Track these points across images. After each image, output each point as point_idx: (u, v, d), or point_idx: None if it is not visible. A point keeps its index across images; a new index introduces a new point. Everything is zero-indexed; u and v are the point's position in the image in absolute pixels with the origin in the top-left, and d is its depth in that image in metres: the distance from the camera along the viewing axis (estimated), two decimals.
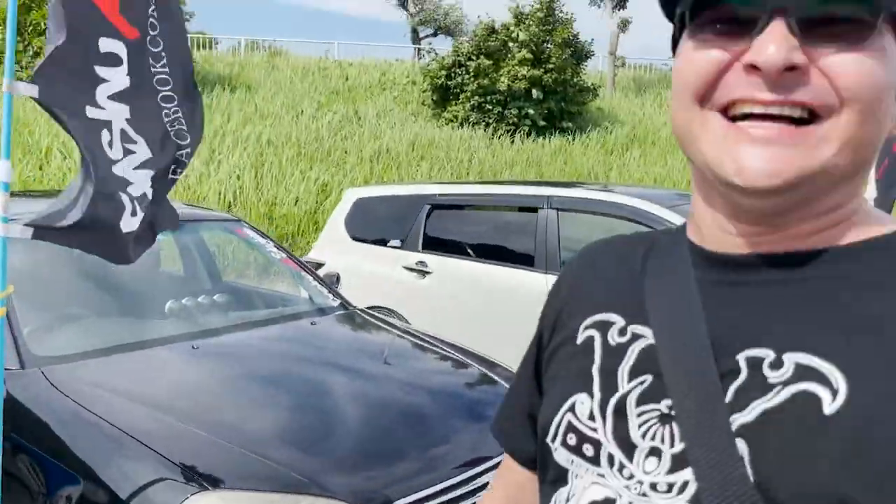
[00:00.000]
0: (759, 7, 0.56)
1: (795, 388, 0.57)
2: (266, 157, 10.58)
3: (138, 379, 2.50)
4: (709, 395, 0.60)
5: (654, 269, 0.71)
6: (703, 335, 0.63)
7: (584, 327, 0.74)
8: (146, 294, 3.30)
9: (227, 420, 2.27)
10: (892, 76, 0.58)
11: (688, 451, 0.60)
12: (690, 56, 0.61)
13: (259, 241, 3.86)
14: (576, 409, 0.69)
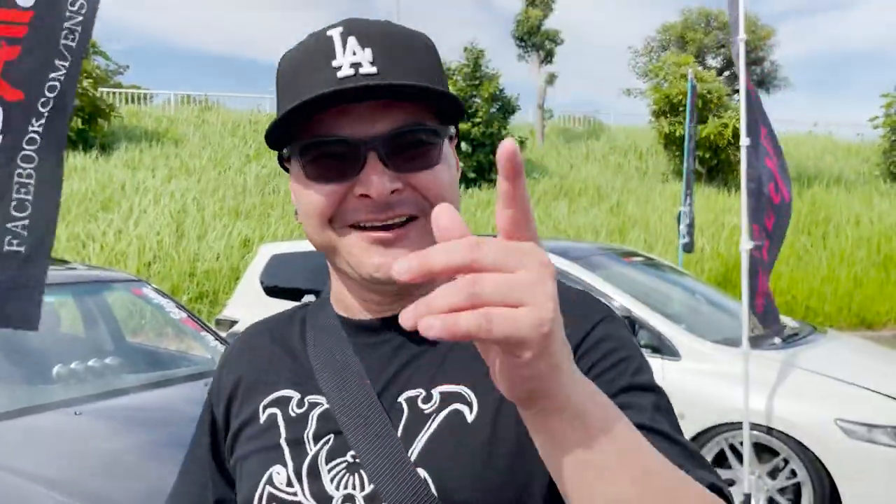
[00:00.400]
0: (357, 152, 0.72)
1: (445, 411, 0.75)
2: (189, 213, 10.48)
3: (11, 447, 2.44)
4: (384, 439, 0.74)
5: (315, 343, 0.84)
6: (370, 390, 0.77)
7: (263, 407, 0.83)
8: (35, 359, 3.24)
9: (109, 490, 2.23)
10: (454, 175, 0.80)
11: (378, 489, 0.73)
12: (310, 191, 0.76)
13: (159, 301, 3.85)
14: (273, 480, 0.78)
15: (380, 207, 0.73)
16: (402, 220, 0.74)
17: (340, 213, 0.75)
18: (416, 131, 0.73)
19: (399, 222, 0.74)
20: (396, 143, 0.73)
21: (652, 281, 4.91)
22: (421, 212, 0.74)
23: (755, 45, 22.46)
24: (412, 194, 0.74)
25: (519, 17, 20.10)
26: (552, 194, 14.38)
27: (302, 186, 0.77)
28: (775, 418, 3.53)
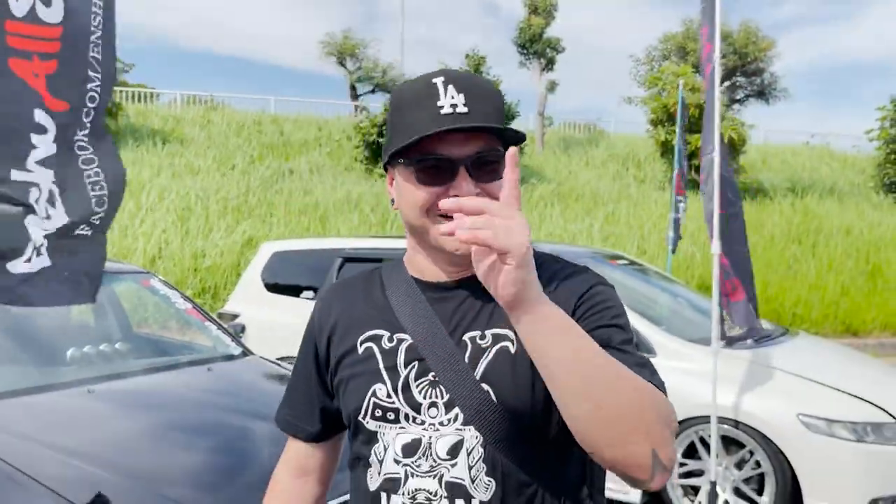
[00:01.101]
0: (453, 166, 1.06)
1: (497, 346, 1.09)
2: (193, 211, 10.73)
3: (34, 420, 2.62)
4: (456, 363, 1.08)
5: (395, 295, 1.18)
6: (442, 330, 1.11)
7: (360, 342, 1.16)
8: (50, 342, 3.47)
9: (118, 458, 2.39)
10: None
11: (453, 397, 1.07)
12: (418, 190, 1.09)
13: (165, 292, 4.08)
14: (377, 394, 1.11)
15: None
16: None
17: (436, 207, 1.07)
18: (489, 153, 1.06)
19: None
20: (478, 161, 1.06)
21: (635, 283, 5.13)
22: None
23: (755, 57, 22.68)
24: (484, 196, 1.05)
25: (521, 25, 20.35)
26: (548, 200, 14.60)
27: (412, 186, 1.09)
28: (742, 413, 3.75)
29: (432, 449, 1.07)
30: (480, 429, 1.05)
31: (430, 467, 1.07)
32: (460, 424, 1.06)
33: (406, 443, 1.09)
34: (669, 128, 15.60)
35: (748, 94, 24.66)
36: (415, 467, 1.08)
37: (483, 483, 1.05)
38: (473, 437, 1.06)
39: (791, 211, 14.36)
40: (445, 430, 1.07)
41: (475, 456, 1.06)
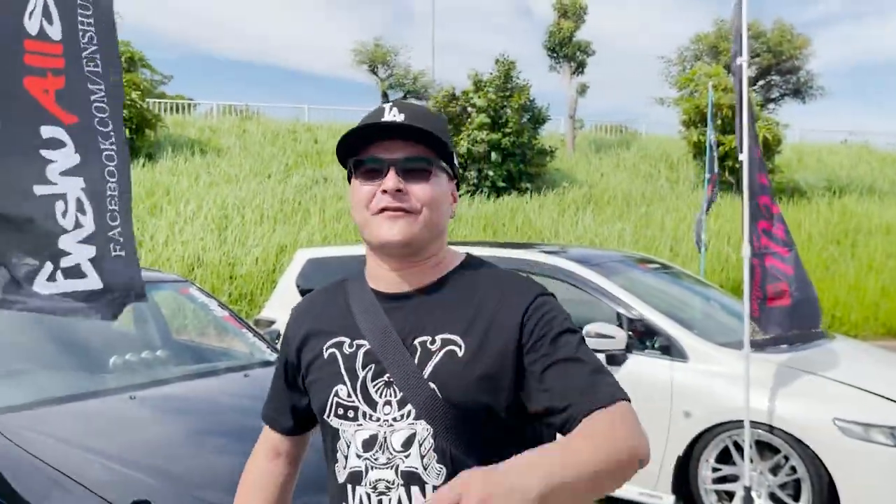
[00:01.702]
0: (383, 165, 1.23)
1: (444, 349, 1.21)
2: (230, 220, 10.92)
3: (79, 426, 2.70)
4: (407, 365, 1.22)
5: (356, 305, 1.32)
6: (395, 336, 1.24)
7: (325, 348, 1.31)
8: (94, 351, 3.58)
9: (159, 463, 2.46)
10: (442, 192, 1.27)
11: (406, 395, 1.21)
12: (360, 188, 1.26)
13: (203, 300, 4.18)
14: (339, 394, 1.26)
15: (393, 199, 1.21)
16: (403, 211, 1.22)
17: (373, 203, 1.23)
18: (416, 159, 1.23)
19: (401, 210, 1.22)
20: (405, 163, 1.22)
21: (666, 286, 5.11)
22: (414, 209, 1.23)
23: (790, 55, 22.33)
24: (410, 197, 1.22)
25: (551, 29, 20.31)
26: (580, 203, 14.55)
27: (357, 184, 1.26)
28: (776, 417, 3.72)
29: (388, 442, 1.21)
30: (430, 422, 1.18)
31: (388, 459, 1.21)
32: (412, 419, 1.20)
33: (365, 438, 1.22)
34: (702, 129, 15.42)
35: (783, 93, 24.27)
36: (373, 460, 1.21)
37: (435, 469, 1.19)
38: (424, 430, 1.19)
39: (829, 211, 14.10)
40: (399, 426, 1.20)
41: (426, 446, 1.19)
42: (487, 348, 1.20)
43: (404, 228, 1.21)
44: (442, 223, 1.28)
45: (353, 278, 1.37)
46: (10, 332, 3.33)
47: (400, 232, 1.21)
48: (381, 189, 1.21)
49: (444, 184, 1.27)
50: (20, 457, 2.45)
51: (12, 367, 3.19)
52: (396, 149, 1.23)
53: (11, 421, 2.65)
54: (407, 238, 1.21)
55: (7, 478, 2.42)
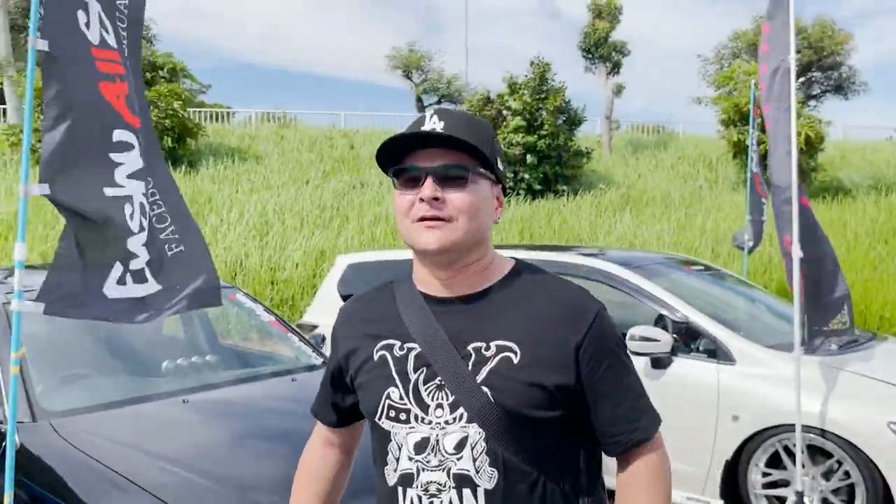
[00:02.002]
0: (421, 173, 1.24)
1: (500, 356, 1.23)
2: (271, 226, 11.08)
3: (134, 429, 2.76)
4: (459, 369, 1.24)
5: (405, 309, 1.33)
6: (446, 340, 1.26)
7: (376, 350, 1.33)
8: (146, 356, 3.67)
9: (214, 466, 2.51)
10: (481, 200, 1.27)
11: (458, 399, 1.23)
12: (400, 197, 1.28)
13: (250, 305, 4.25)
14: (391, 396, 1.28)
15: (431, 207, 1.23)
16: (441, 219, 1.24)
17: (413, 212, 1.25)
18: (453, 167, 1.24)
19: (438, 218, 1.24)
20: (442, 171, 1.24)
21: (711, 288, 5.05)
22: (452, 217, 1.24)
23: (831, 51, 21.87)
24: (448, 205, 1.24)
25: (586, 30, 20.21)
26: (618, 205, 14.43)
27: (398, 193, 1.29)
28: (829, 421, 3.65)
29: (440, 445, 1.23)
30: (482, 426, 1.21)
31: (439, 462, 1.22)
32: (464, 423, 1.22)
33: (417, 441, 1.24)
34: (741, 128, 15.20)
35: (825, 90, 23.79)
36: (425, 463, 1.23)
37: (487, 473, 1.21)
38: (476, 433, 1.21)
39: (875, 210, 13.75)
40: (451, 428, 1.22)
41: (478, 450, 1.21)
42: (544, 359, 1.22)
43: (442, 237, 1.22)
44: (482, 230, 1.28)
45: (400, 281, 1.39)
46: (68, 338, 3.42)
47: (437, 241, 1.22)
48: (419, 198, 1.23)
49: (484, 190, 1.27)
50: (79, 459, 2.51)
51: (70, 372, 3.28)
52: (435, 157, 1.24)
53: (71, 424, 2.72)
54: (444, 246, 1.22)
55: (66, 479, 2.49)
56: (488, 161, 1.26)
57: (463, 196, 1.23)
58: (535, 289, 1.30)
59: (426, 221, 1.23)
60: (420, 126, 1.25)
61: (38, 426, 2.70)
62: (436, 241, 1.22)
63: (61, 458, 2.56)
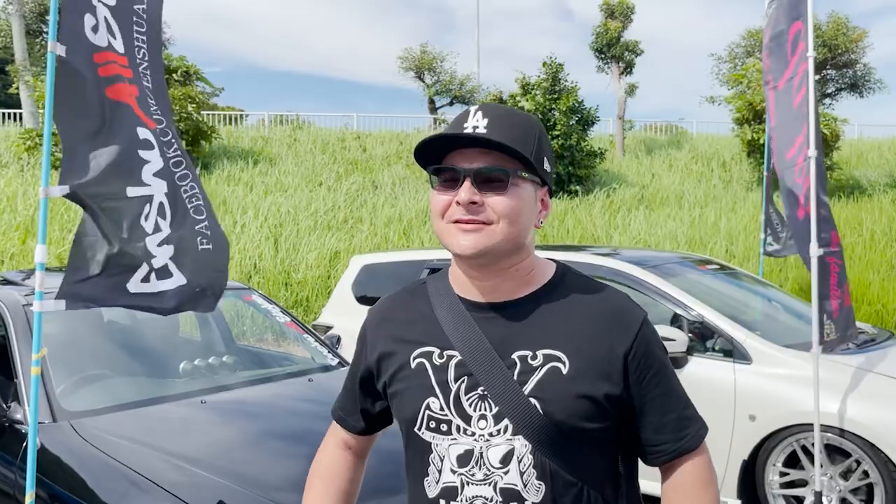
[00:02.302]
0: (459, 174, 1.18)
1: (548, 366, 1.18)
2: (285, 227, 11.13)
3: (153, 429, 2.78)
4: (505, 379, 1.18)
5: (443, 313, 1.27)
6: (490, 348, 1.20)
7: (413, 357, 1.27)
8: (164, 357, 3.70)
9: (232, 465, 2.52)
10: (522, 204, 1.20)
11: (503, 410, 1.17)
12: (437, 197, 1.22)
13: (266, 307, 4.27)
14: (431, 407, 1.23)
15: (467, 211, 1.17)
16: (478, 223, 1.18)
17: (449, 213, 1.19)
18: (493, 169, 1.18)
19: (476, 222, 1.18)
20: (480, 173, 1.17)
21: (726, 288, 5.02)
22: (490, 221, 1.18)
23: (846, 48, 21.69)
24: (487, 209, 1.18)
25: (598, 30, 20.15)
26: (632, 204, 14.37)
27: (435, 193, 1.22)
28: (847, 420, 3.63)
29: (485, 458, 1.18)
30: (529, 438, 1.16)
31: (485, 475, 1.18)
32: (510, 435, 1.17)
33: (460, 454, 1.20)
34: (756, 126, 15.10)
35: (840, 88, 23.60)
36: (470, 476, 1.19)
37: (534, 486, 1.17)
38: (523, 446, 1.17)
39: (892, 208, 13.62)
40: (496, 441, 1.18)
41: (526, 463, 1.17)
42: (592, 369, 1.18)
43: (478, 241, 1.16)
44: (522, 234, 1.22)
45: (435, 281, 1.34)
46: (85, 339, 3.46)
47: (473, 245, 1.16)
48: (456, 200, 1.18)
49: (526, 194, 1.21)
50: (99, 459, 2.54)
51: (90, 373, 3.31)
52: (475, 158, 1.18)
53: (90, 424, 2.75)
54: (480, 250, 1.17)
55: (86, 479, 2.51)
56: (532, 163, 1.20)
57: (502, 200, 1.17)
58: (580, 295, 1.25)
59: (462, 224, 1.17)
60: (462, 123, 1.19)
61: (58, 426, 2.73)
62: (471, 245, 1.16)
63: (81, 459, 2.58)
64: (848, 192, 15.11)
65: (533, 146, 1.20)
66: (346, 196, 13.65)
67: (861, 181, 16.03)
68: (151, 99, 2.65)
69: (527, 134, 1.21)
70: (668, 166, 18.22)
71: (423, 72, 26.69)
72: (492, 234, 1.17)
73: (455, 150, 1.20)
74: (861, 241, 11.46)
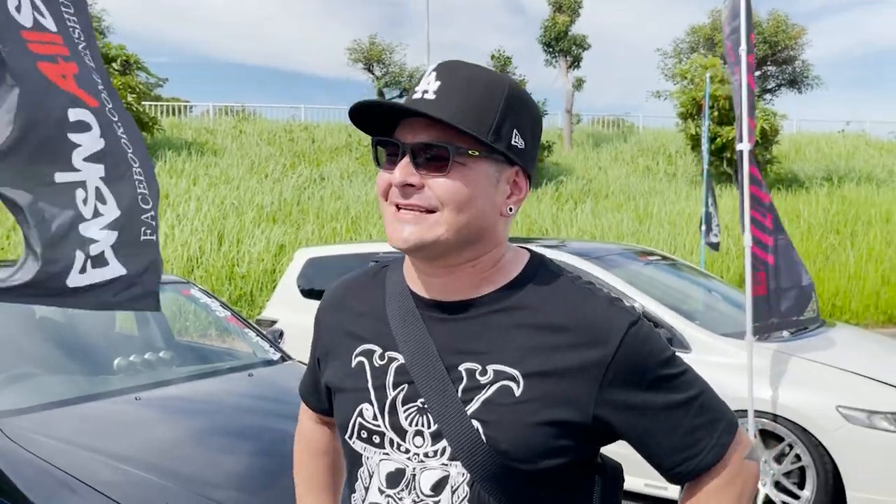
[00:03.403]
0: (398, 150, 0.99)
1: (498, 384, 0.99)
2: (228, 220, 10.93)
3: (84, 428, 2.70)
4: (447, 394, 1.00)
5: (392, 309, 1.10)
6: (436, 355, 1.03)
7: (354, 355, 1.12)
8: (98, 353, 3.59)
9: (167, 463, 2.47)
10: (474, 188, 0.98)
11: (441, 429, 1.00)
12: (380, 175, 1.03)
13: (205, 301, 4.18)
14: (363, 414, 1.07)
15: (404, 194, 0.99)
16: (419, 209, 0.98)
17: (390, 195, 1.01)
18: (433, 145, 0.97)
19: (415, 208, 0.98)
20: (421, 150, 0.97)
21: (667, 278, 5.12)
22: (435, 209, 0.98)
23: (785, 45, 22.33)
24: (428, 193, 0.98)
25: (546, 24, 20.30)
26: (577, 197, 14.56)
27: (380, 171, 1.04)
28: (780, 406, 3.74)
29: (416, 482, 1.02)
30: (468, 466, 0.98)
31: (413, 501, 1.02)
32: (447, 459, 1.00)
33: (390, 472, 1.04)
34: (699, 121, 15.45)
35: (779, 84, 24.28)
36: (397, 499, 1.03)
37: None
38: (459, 475, 0.99)
39: (827, 200, 14.12)
40: (431, 464, 1.01)
41: (460, 495, 0.99)
42: (553, 392, 0.97)
43: (415, 231, 0.97)
44: (476, 225, 1.00)
45: (394, 268, 1.16)
46: (15, 336, 3.34)
47: (407, 237, 0.98)
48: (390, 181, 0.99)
49: (479, 176, 0.99)
50: (26, 459, 2.45)
51: (17, 371, 3.19)
52: (419, 130, 0.98)
53: (17, 424, 2.65)
54: (415, 244, 0.98)
55: (14, 480, 2.42)
56: (485, 140, 0.97)
57: (444, 183, 0.96)
58: (548, 298, 1.03)
59: (399, 211, 0.99)
60: (415, 87, 1.00)
61: None
62: (404, 237, 0.98)
63: (9, 460, 2.48)
64: (786, 185, 15.58)
65: (493, 118, 0.98)
66: (294, 188, 13.49)
67: (799, 175, 16.56)
68: (97, 76, 2.54)
69: (488, 102, 0.98)
70: (614, 159, 18.51)
71: (373, 63, 26.49)
72: (433, 225, 0.97)
73: (405, 118, 1.00)
74: (798, 233, 11.84)
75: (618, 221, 12.60)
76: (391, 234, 1.00)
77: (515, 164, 1.03)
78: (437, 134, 0.97)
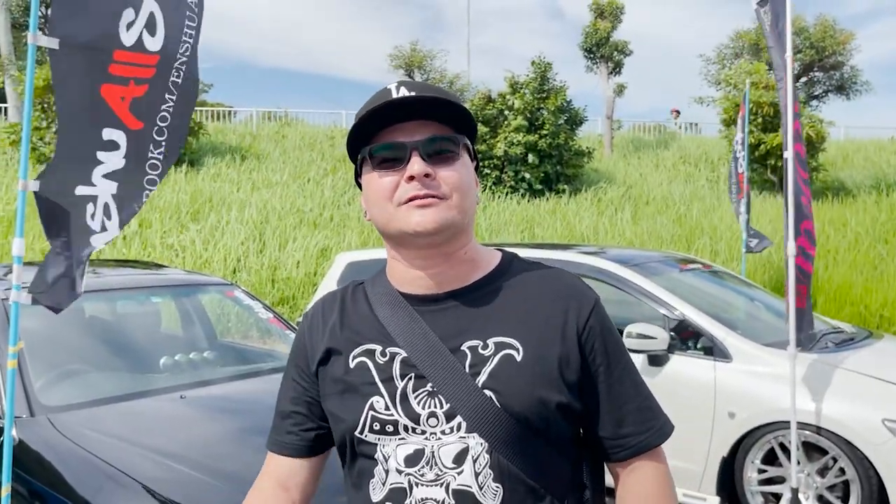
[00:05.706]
0: (405, 151, 1.09)
1: (500, 354, 1.09)
2: (270, 224, 11.10)
3: (132, 424, 2.78)
4: (455, 372, 1.08)
5: (383, 310, 1.17)
6: (437, 341, 1.11)
7: (353, 357, 1.15)
8: (144, 352, 3.69)
9: (210, 461, 2.52)
10: (470, 176, 1.15)
11: (454, 406, 1.07)
12: (379, 181, 1.11)
13: (248, 302, 4.27)
14: (375, 407, 1.11)
15: (423, 185, 1.08)
16: (435, 197, 1.09)
17: (399, 194, 1.09)
18: (442, 139, 1.10)
19: (433, 196, 1.09)
20: (430, 144, 1.09)
21: (708, 287, 5.06)
22: (445, 195, 1.10)
23: (833, 51, 21.86)
24: (440, 183, 1.09)
25: (587, 30, 20.20)
26: (618, 204, 14.43)
27: (376, 177, 1.12)
28: (824, 418, 3.66)
29: (436, 458, 1.07)
30: (485, 435, 1.06)
31: (436, 476, 1.07)
32: (464, 432, 1.06)
33: (409, 453, 1.08)
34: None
35: (827, 90, 23.77)
36: (419, 476, 1.07)
37: (491, 489, 1.06)
38: (478, 445, 1.06)
39: (876, 209, 13.74)
40: (448, 439, 1.07)
41: (481, 463, 1.06)
42: (548, 354, 1.09)
43: (437, 215, 1.07)
44: (473, 209, 1.15)
45: (373, 281, 1.23)
46: (66, 334, 3.44)
47: (433, 219, 1.06)
48: (407, 176, 1.07)
49: (469, 165, 1.15)
50: (77, 454, 2.53)
51: (69, 368, 3.30)
52: (415, 130, 1.10)
53: (68, 419, 2.74)
54: (441, 225, 1.07)
55: (63, 474, 2.50)
56: (470, 133, 1.15)
57: (453, 172, 1.10)
58: (529, 278, 1.17)
59: (419, 200, 1.07)
60: (387, 98, 1.09)
61: (35, 421, 2.72)
62: (431, 219, 1.06)
63: (59, 453, 2.57)
64: (833, 193, 15.23)
65: (462, 113, 1.13)
66: (335, 193, 13.64)
67: (846, 183, 16.17)
68: (170, 94, 2.62)
69: (453, 98, 1.13)
70: (655, 166, 18.30)
71: (413, 70, 26.66)
72: (450, 208, 1.09)
73: (386, 128, 1.11)
74: (845, 243, 11.57)
75: (659, 229, 12.45)
76: (413, 223, 1.07)
77: (475, 158, 1.20)
78: (437, 130, 1.11)
